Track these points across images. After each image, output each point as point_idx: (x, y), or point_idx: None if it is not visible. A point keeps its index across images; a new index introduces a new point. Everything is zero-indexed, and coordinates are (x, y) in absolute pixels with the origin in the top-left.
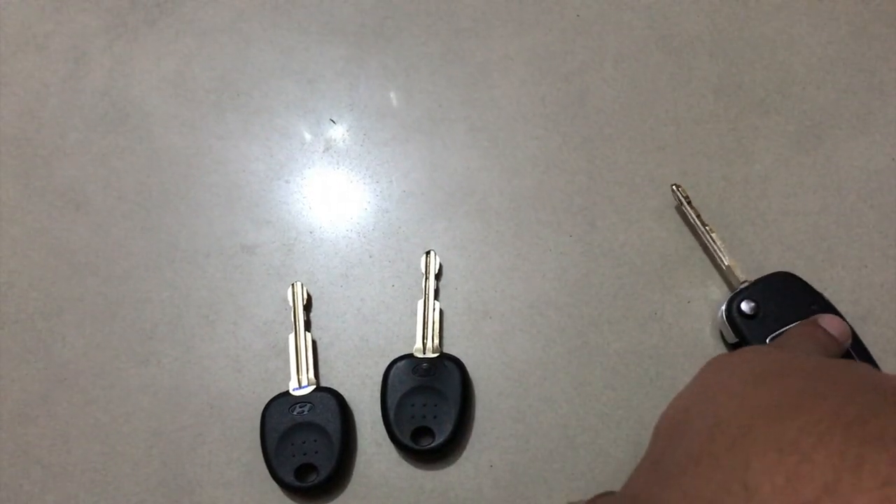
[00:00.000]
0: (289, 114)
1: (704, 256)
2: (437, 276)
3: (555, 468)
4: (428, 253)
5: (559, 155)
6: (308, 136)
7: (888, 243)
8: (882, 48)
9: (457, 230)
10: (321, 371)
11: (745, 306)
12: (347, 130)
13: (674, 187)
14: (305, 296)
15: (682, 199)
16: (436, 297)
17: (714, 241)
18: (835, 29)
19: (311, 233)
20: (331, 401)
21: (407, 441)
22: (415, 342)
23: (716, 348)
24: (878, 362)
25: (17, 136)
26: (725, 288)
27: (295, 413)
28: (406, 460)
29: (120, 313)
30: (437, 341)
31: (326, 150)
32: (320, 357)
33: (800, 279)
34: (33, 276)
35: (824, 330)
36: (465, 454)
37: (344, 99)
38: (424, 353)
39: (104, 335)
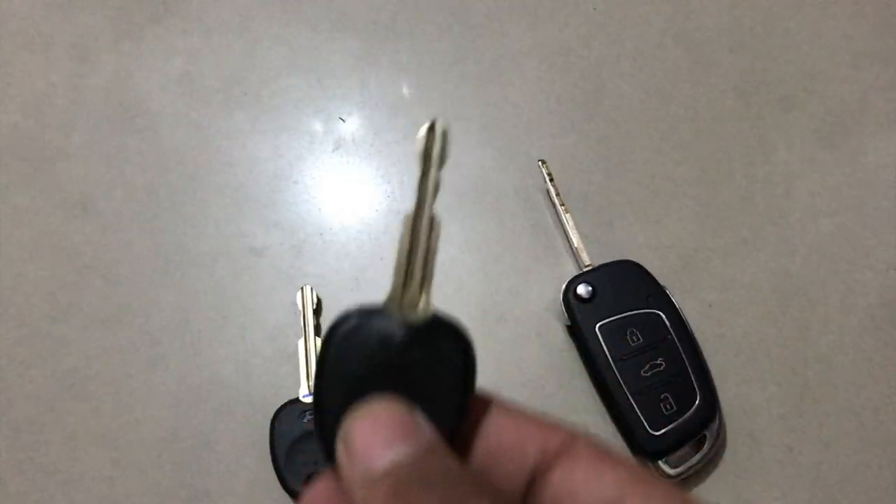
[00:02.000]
0: (298, 112)
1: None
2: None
3: None
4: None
5: (575, 153)
6: (318, 136)
7: None
8: None
9: (470, 231)
10: None
11: (581, 289)
12: (358, 129)
13: (539, 163)
14: (315, 300)
15: (546, 177)
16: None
17: (567, 221)
18: (859, 22)
19: (320, 235)
20: None
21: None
22: None
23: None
24: None
25: (22, 136)
26: None
27: (305, 420)
28: None
29: (126, 317)
30: None
31: (336, 149)
32: None
33: (644, 270)
34: (39, 280)
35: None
36: None
37: (354, 97)
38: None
39: (111, 340)
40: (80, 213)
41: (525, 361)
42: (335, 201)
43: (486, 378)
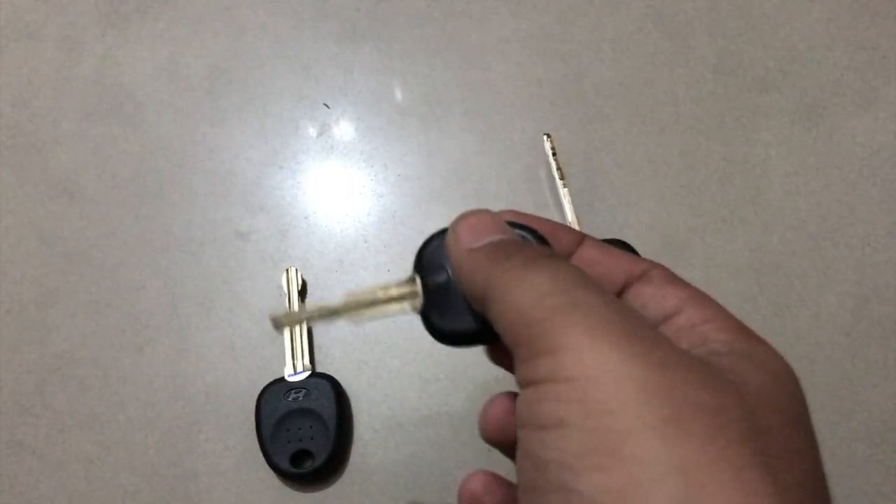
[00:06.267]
0: (283, 100)
1: (698, 233)
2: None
3: None
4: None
5: (556, 137)
6: (302, 122)
7: (892, 221)
8: (884, 24)
9: (453, 214)
10: (316, 357)
11: None
12: (342, 115)
13: (545, 137)
14: (300, 281)
15: (549, 151)
16: None
17: (565, 195)
18: (835, 5)
19: (305, 218)
20: (326, 386)
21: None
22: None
23: None
24: (882, 342)
25: (10, 125)
26: None
27: (290, 399)
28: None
29: (114, 302)
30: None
31: (320, 135)
32: (316, 343)
33: (633, 250)
34: (27, 266)
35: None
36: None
37: (338, 84)
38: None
39: (98, 324)
40: (67, 199)
41: None
42: (319, 185)
43: (480, 357)
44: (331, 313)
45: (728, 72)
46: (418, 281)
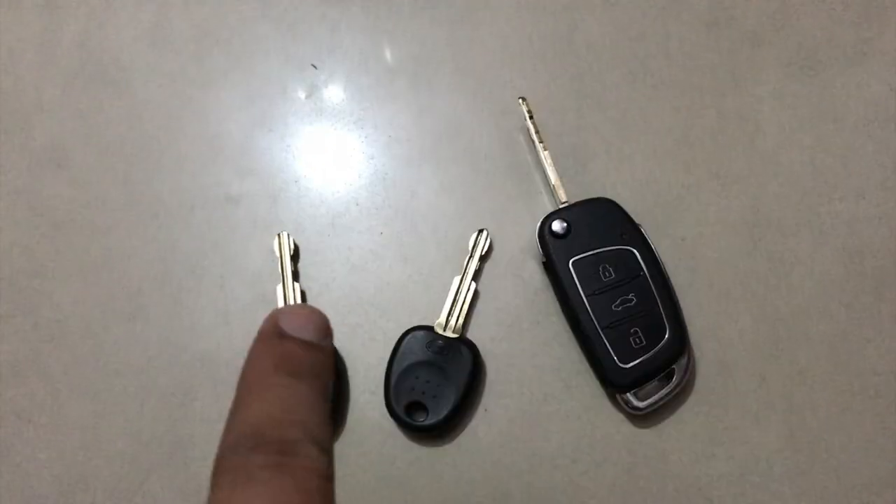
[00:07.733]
0: (270, 61)
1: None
2: (484, 258)
3: (552, 429)
4: (480, 231)
5: (548, 94)
6: (290, 84)
7: (886, 174)
8: None
9: (445, 174)
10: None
11: (556, 225)
12: (330, 76)
13: (520, 100)
14: (292, 246)
15: (526, 114)
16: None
17: (546, 158)
18: None
19: (295, 182)
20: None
21: (400, 412)
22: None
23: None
24: (876, 296)
25: None
26: None
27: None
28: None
29: (105, 270)
30: (461, 321)
31: (309, 96)
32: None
33: (619, 207)
34: (15, 236)
35: (290, 339)
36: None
37: (325, 43)
38: (444, 331)
39: (90, 292)
40: (54, 167)
41: (501, 300)
42: (309, 148)
43: (469, 314)
44: None
45: (720, 25)
46: None
